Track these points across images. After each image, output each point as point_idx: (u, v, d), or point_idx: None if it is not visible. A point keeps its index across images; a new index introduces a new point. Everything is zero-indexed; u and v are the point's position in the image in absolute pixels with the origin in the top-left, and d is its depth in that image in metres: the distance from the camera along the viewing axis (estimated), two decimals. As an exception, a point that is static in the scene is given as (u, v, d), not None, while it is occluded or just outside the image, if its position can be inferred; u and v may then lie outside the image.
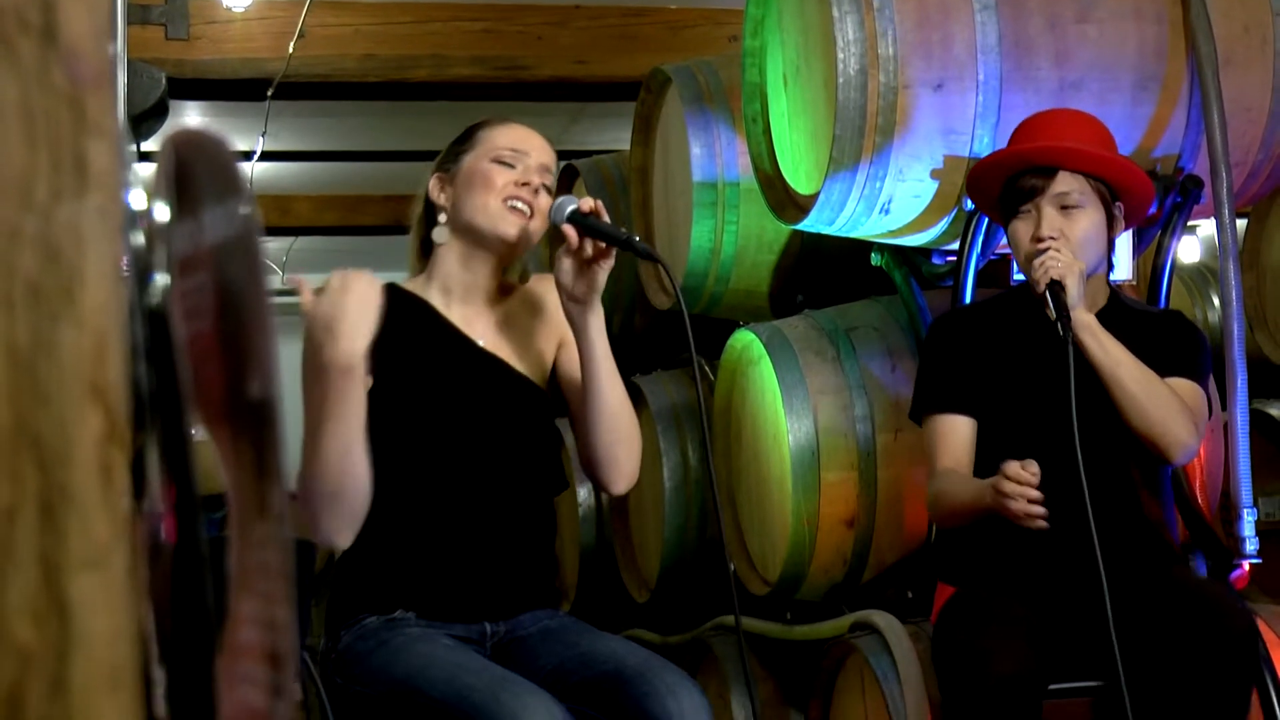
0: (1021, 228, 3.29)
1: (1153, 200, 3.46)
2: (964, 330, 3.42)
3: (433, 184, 2.97)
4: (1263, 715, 3.37)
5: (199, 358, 0.75)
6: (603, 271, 2.81)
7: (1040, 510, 2.97)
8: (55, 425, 0.67)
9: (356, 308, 2.55)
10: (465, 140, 2.99)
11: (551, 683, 2.68)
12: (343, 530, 2.66)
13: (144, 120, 5.14)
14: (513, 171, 2.91)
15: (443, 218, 2.95)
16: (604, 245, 2.78)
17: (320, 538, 2.70)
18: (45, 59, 0.67)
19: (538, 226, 2.91)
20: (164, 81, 5.03)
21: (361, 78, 5.61)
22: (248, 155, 7.16)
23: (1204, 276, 6.18)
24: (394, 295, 2.93)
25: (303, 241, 9.41)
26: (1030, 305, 3.25)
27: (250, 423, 0.76)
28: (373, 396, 2.79)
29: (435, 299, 2.95)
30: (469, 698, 2.59)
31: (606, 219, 2.81)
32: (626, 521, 5.07)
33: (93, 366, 0.68)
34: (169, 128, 6.71)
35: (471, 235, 2.92)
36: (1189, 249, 6.73)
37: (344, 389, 2.56)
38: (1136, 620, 3.08)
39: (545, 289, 2.97)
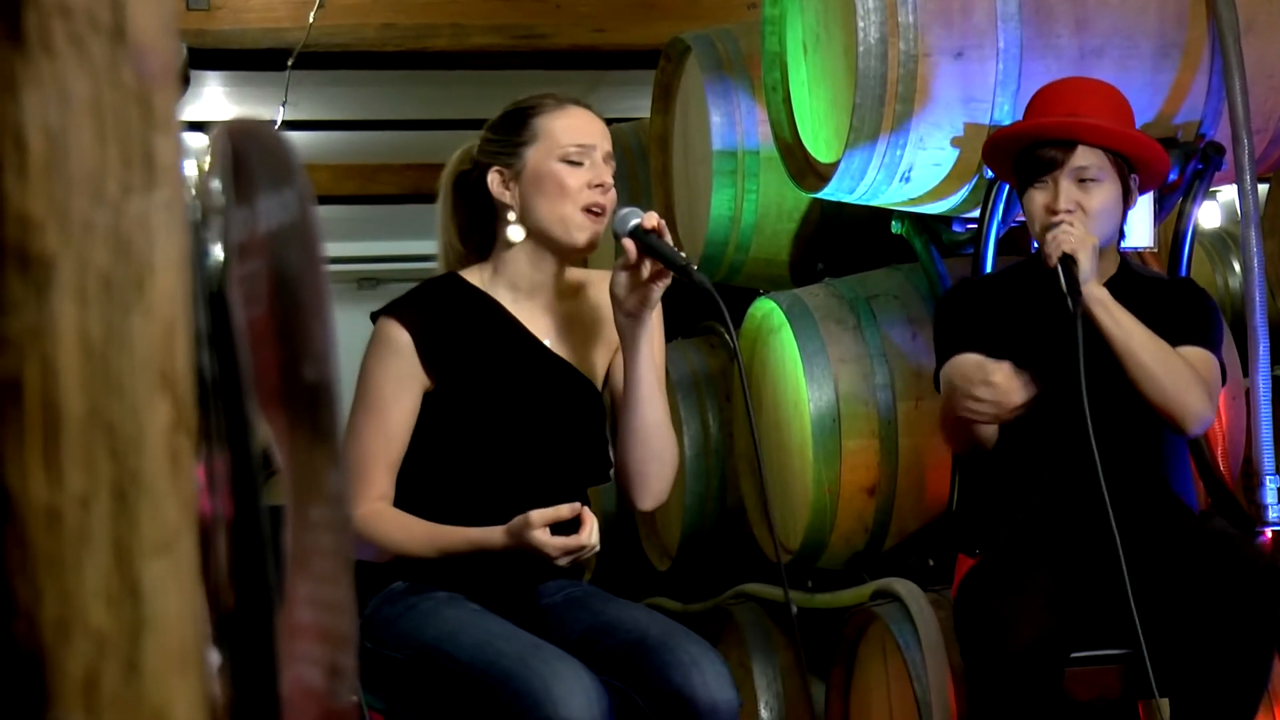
0: (1038, 198, 3.28)
1: (1169, 170, 3.46)
2: (976, 300, 3.42)
3: (493, 179, 2.89)
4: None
5: (254, 343, 0.76)
6: (658, 290, 2.77)
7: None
8: (128, 413, 0.68)
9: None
10: (521, 128, 2.90)
11: (577, 650, 2.70)
12: None
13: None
14: (584, 171, 2.85)
15: (512, 216, 2.88)
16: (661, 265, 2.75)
17: None
18: (115, 57, 0.69)
19: (606, 224, 2.86)
20: (185, 52, 5.03)
21: (381, 47, 5.61)
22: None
23: (1225, 242, 6.15)
24: (462, 288, 2.92)
25: (322, 210, 9.39)
26: (1044, 274, 3.25)
27: (306, 406, 0.77)
28: (439, 386, 2.81)
29: (503, 295, 2.92)
30: (498, 663, 2.61)
31: (669, 239, 2.77)
32: (647, 489, 5.09)
33: (162, 356, 0.70)
34: (190, 98, 6.73)
35: (545, 240, 2.88)
36: (1210, 214, 6.70)
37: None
38: (1158, 581, 3.09)
39: (606, 291, 2.89)
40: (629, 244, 2.74)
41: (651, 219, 2.76)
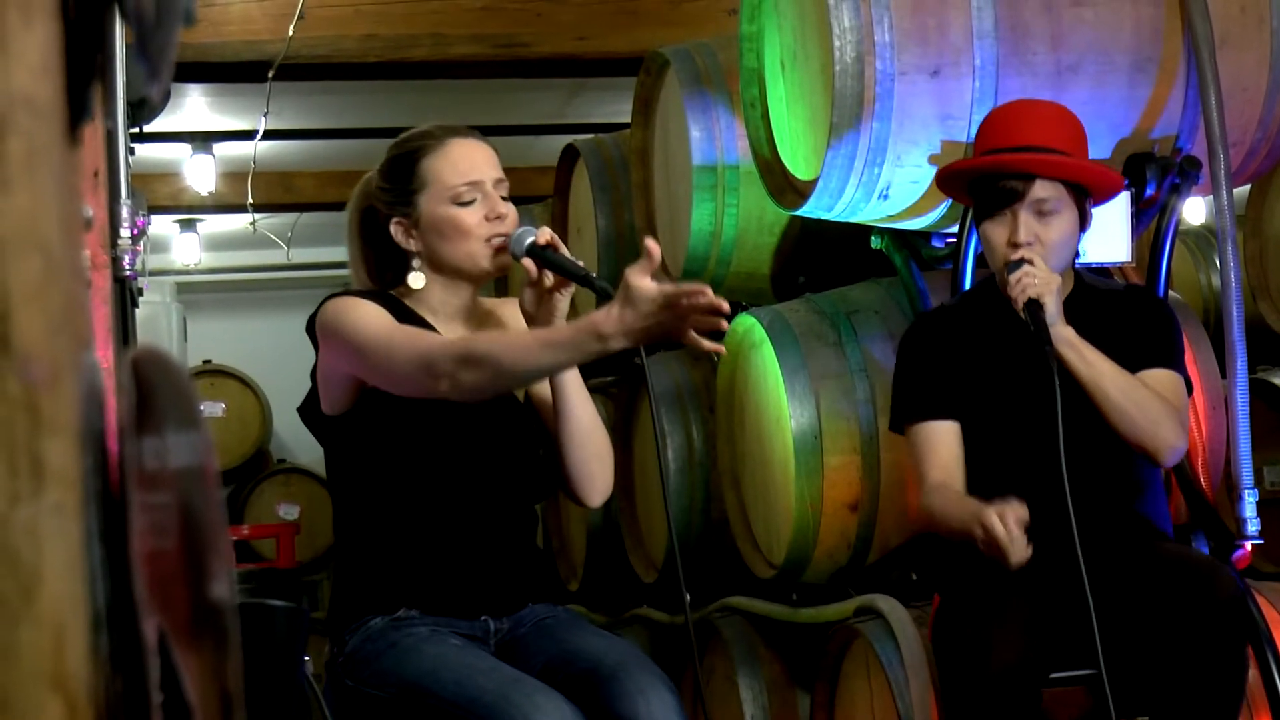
0: (996, 231, 3.28)
1: (1120, 191, 3.46)
2: (939, 333, 3.41)
3: (396, 231, 2.95)
4: (1264, 689, 3.41)
5: (165, 578, 0.76)
6: (563, 300, 2.87)
7: (1022, 556, 2.97)
8: (16, 728, 0.68)
9: None
10: (409, 176, 2.95)
11: (544, 679, 2.73)
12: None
13: (145, 104, 5.13)
14: (477, 207, 2.92)
15: (416, 263, 2.96)
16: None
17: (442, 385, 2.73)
18: (0, 369, 0.69)
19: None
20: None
21: (362, 58, 5.59)
22: (250, 134, 7.15)
23: (1208, 240, 6.13)
24: (399, 307, 2.96)
25: (307, 217, 9.42)
26: (1005, 302, 3.24)
27: (213, 631, 0.78)
28: (377, 408, 2.85)
29: (426, 317, 2.98)
30: (481, 699, 2.64)
31: (565, 251, 2.85)
32: (633, 502, 5.10)
33: (52, 661, 0.70)
34: (172, 109, 6.72)
35: (458, 274, 2.97)
36: (1194, 210, 6.68)
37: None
38: (1128, 602, 3.11)
39: (518, 312, 3.00)
40: (528, 263, 2.85)
41: (544, 234, 2.85)
